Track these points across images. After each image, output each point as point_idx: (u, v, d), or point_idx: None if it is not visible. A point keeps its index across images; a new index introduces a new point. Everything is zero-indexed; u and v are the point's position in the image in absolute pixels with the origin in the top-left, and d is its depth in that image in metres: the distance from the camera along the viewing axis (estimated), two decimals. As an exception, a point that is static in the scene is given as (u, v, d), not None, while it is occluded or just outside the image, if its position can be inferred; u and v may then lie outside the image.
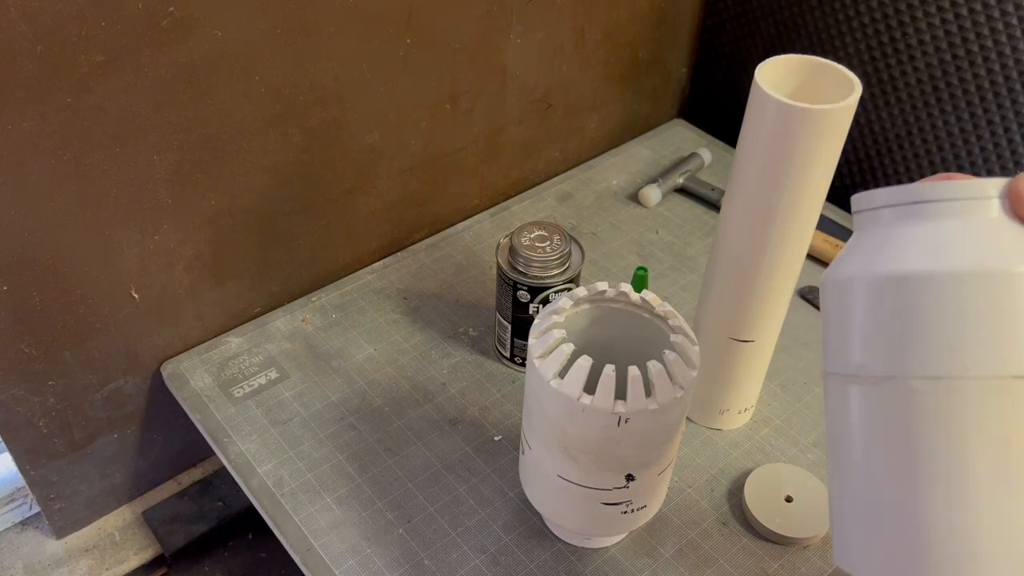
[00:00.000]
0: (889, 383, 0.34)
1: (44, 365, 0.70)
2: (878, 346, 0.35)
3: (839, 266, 0.38)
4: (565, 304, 0.58)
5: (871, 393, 0.35)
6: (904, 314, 0.34)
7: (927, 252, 0.34)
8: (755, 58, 1.02)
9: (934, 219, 0.35)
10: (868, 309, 0.35)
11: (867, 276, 0.36)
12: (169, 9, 0.61)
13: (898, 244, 0.35)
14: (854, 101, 0.54)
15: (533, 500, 0.62)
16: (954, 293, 0.33)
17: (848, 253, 0.38)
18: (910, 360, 0.34)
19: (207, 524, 0.84)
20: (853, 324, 0.36)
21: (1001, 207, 0.34)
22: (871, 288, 0.35)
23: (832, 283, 0.38)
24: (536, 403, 0.56)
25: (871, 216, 0.37)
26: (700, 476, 0.70)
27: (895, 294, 0.34)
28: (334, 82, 0.74)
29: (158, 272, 0.72)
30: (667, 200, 0.97)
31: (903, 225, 0.36)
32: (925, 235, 0.35)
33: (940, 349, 0.33)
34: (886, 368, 0.34)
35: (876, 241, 0.36)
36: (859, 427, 0.36)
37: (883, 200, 0.37)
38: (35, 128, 0.59)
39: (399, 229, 0.89)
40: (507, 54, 0.86)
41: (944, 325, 0.33)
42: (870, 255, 0.36)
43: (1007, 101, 0.82)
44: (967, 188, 0.35)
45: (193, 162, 0.69)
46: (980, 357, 0.32)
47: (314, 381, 0.76)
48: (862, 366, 0.35)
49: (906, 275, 0.34)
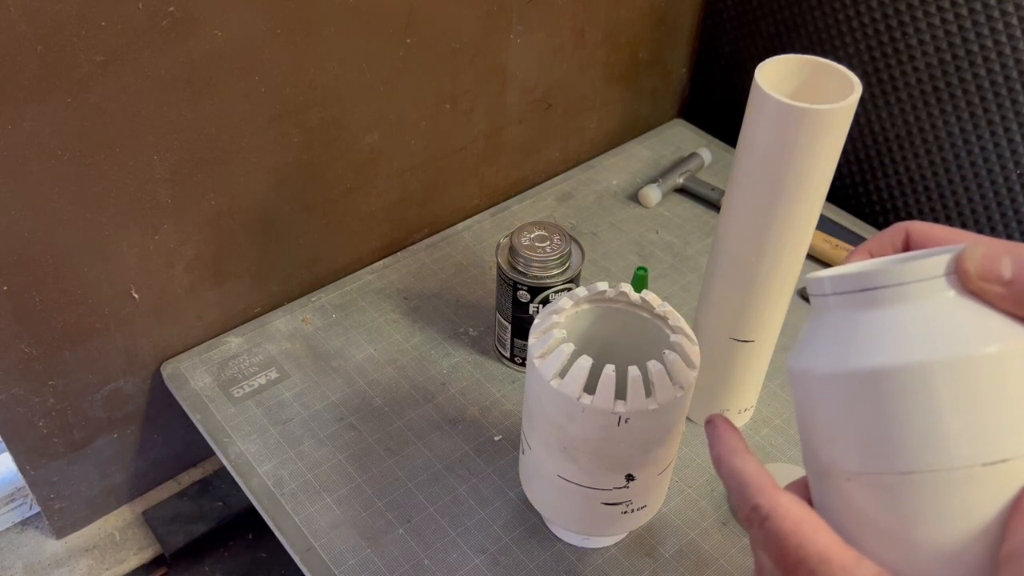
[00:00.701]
0: (860, 479, 0.33)
1: (44, 365, 0.70)
2: (842, 443, 0.34)
3: (796, 354, 0.36)
4: (565, 304, 0.58)
5: (844, 487, 0.34)
6: (863, 410, 0.32)
7: (877, 345, 0.32)
8: (755, 58, 1.02)
9: (882, 307, 0.33)
10: (826, 405, 0.34)
11: (820, 371, 0.34)
12: (169, 9, 0.61)
13: (848, 336, 0.33)
14: (854, 101, 0.54)
15: (533, 500, 0.62)
16: (909, 386, 0.31)
17: (803, 340, 0.36)
18: (877, 457, 0.32)
19: (207, 524, 0.84)
20: (816, 419, 0.35)
21: (949, 284, 0.32)
22: (825, 384, 0.34)
23: (791, 373, 0.36)
24: (536, 403, 0.56)
25: (821, 302, 0.35)
26: (700, 476, 0.70)
27: (851, 390, 0.33)
28: (334, 82, 0.74)
29: (158, 272, 0.72)
30: (667, 200, 0.97)
31: (852, 314, 0.34)
32: (875, 326, 0.33)
33: (905, 445, 0.32)
34: (854, 465, 0.33)
35: (827, 332, 0.35)
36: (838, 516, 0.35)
37: (829, 288, 0.35)
38: (35, 128, 0.59)
39: (399, 229, 0.89)
40: (507, 54, 0.86)
41: (905, 419, 0.31)
42: (821, 347, 0.34)
43: (1007, 101, 0.82)
44: (912, 270, 0.32)
45: (193, 162, 0.69)
46: (946, 449, 0.31)
47: (314, 381, 0.76)
48: (831, 461, 0.34)
49: (858, 372, 0.32)
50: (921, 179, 0.92)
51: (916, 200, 0.93)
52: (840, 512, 0.35)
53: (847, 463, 0.34)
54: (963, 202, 0.89)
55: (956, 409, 0.31)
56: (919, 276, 0.32)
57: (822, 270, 0.36)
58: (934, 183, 0.91)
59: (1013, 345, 0.31)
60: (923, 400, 0.31)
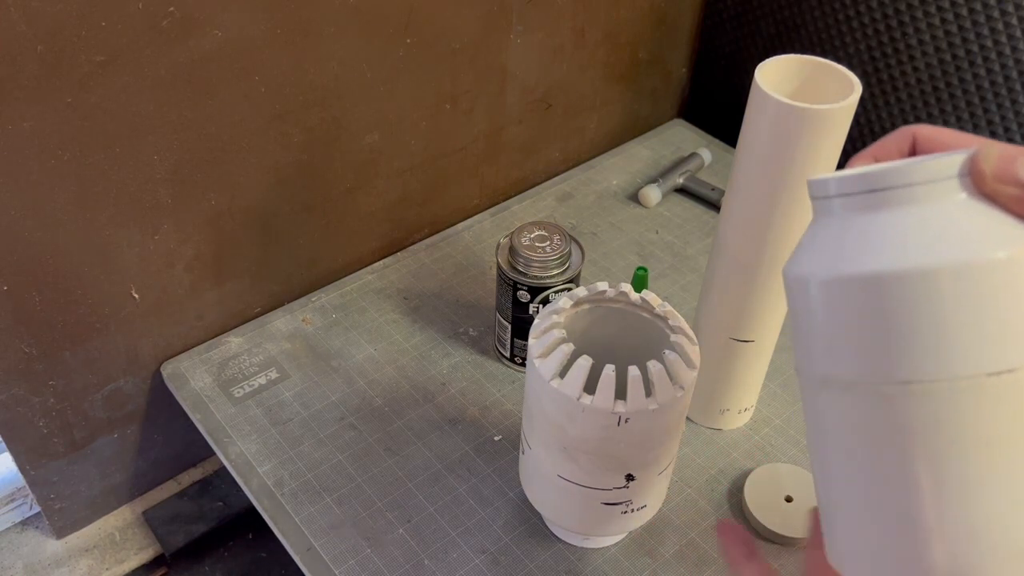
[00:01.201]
0: (858, 388, 0.32)
1: (44, 365, 0.70)
2: (842, 351, 0.32)
3: (795, 260, 0.34)
4: (565, 304, 0.58)
5: (841, 399, 0.32)
6: (865, 317, 0.31)
7: (883, 249, 0.31)
8: (755, 58, 1.02)
9: (890, 209, 0.31)
10: (827, 311, 0.32)
11: (821, 276, 0.32)
12: (169, 9, 0.61)
13: (852, 240, 0.32)
14: (854, 101, 0.54)
15: (533, 500, 0.62)
16: (916, 293, 0.30)
17: (803, 245, 0.35)
18: (877, 365, 0.31)
19: (207, 524, 0.84)
20: (814, 326, 0.33)
21: (962, 186, 0.30)
22: (827, 289, 0.32)
23: (790, 280, 0.34)
24: (536, 403, 0.56)
25: (824, 205, 0.34)
26: (700, 476, 0.70)
27: (853, 296, 0.31)
28: (334, 82, 0.74)
29: (158, 272, 0.72)
30: (667, 200, 0.97)
31: (857, 217, 0.32)
32: (881, 229, 0.31)
33: (907, 352, 0.30)
34: (853, 374, 0.32)
35: (830, 235, 0.33)
36: (833, 432, 0.33)
37: (834, 189, 0.33)
38: (35, 128, 0.59)
39: (399, 229, 0.89)
40: (507, 54, 0.86)
41: (909, 327, 0.30)
42: (823, 252, 0.33)
43: (1007, 101, 0.82)
44: (923, 170, 0.30)
45: (193, 162, 0.69)
46: (950, 358, 0.30)
47: (314, 381, 0.76)
48: (829, 370, 0.33)
49: (862, 276, 0.31)
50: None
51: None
52: (834, 429, 0.33)
53: (845, 372, 0.32)
54: (963, 202, 0.89)
55: (962, 317, 0.29)
56: (930, 177, 0.31)
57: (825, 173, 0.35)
58: (934, 183, 0.91)
59: (1017, 251, 0.30)
60: (927, 307, 0.30)
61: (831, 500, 0.35)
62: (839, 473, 0.34)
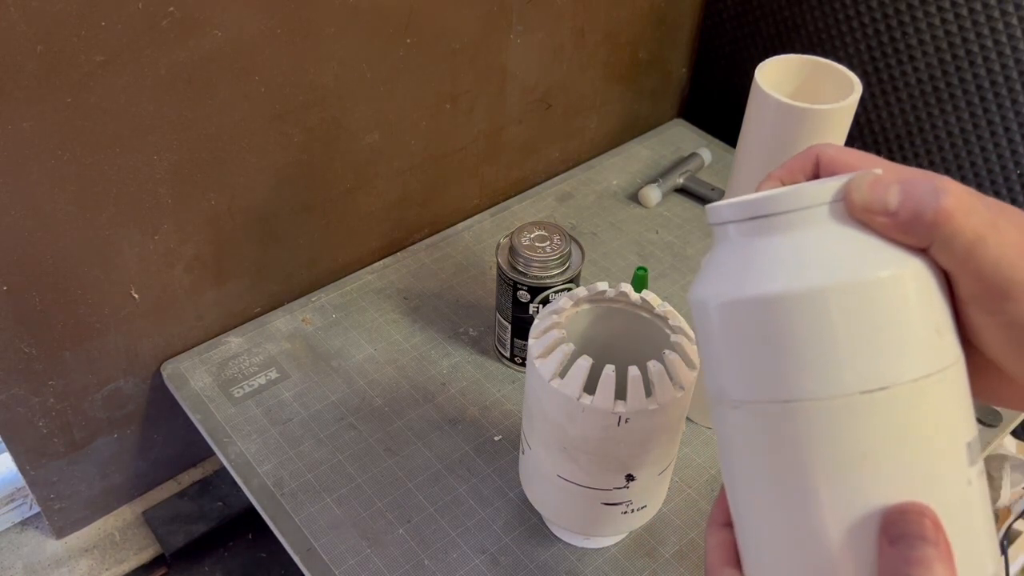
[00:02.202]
0: (746, 406, 0.33)
1: (44, 365, 0.70)
2: (730, 371, 0.34)
3: (696, 283, 0.36)
4: (565, 304, 0.58)
5: (733, 415, 0.34)
6: (748, 339, 0.32)
7: (760, 274, 0.32)
8: (755, 58, 1.02)
9: (771, 235, 0.33)
10: (719, 333, 0.34)
11: (713, 300, 0.34)
12: (169, 9, 0.61)
13: (740, 265, 0.33)
14: (854, 101, 0.54)
15: (533, 500, 0.62)
16: (789, 315, 0.31)
17: (703, 269, 0.36)
18: (760, 385, 0.32)
19: (207, 524, 0.84)
20: (710, 347, 0.35)
21: (835, 212, 0.32)
22: (718, 313, 0.34)
23: (691, 302, 0.36)
24: (536, 403, 0.56)
25: (721, 231, 0.35)
26: (700, 476, 0.70)
27: (737, 319, 0.33)
28: (334, 82, 0.74)
29: (158, 272, 0.72)
30: (667, 200, 0.97)
31: (746, 242, 0.33)
32: (762, 254, 0.33)
33: (785, 373, 0.32)
34: (741, 392, 0.33)
35: (724, 260, 0.34)
36: (729, 446, 0.35)
37: (726, 216, 0.34)
38: (35, 128, 0.59)
39: (399, 229, 0.89)
40: (507, 54, 0.86)
41: (785, 348, 0.31)
42: (717, 276, 0.34)
43: (1007, 101, 0.82)
44: (798, 198, 0.32)
45: (193, 162, 0.69)
46: (825, 377, 0.31)
47: (314, 381, 0.76)
48: (722, 388, 0.34)
49: (743, 300, 0.32)
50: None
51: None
52: (729, 444, 0.35)
53: (734, 391, 0.33)
54: (963, 202, 0.89)
55: (833, 337, 0.31)
56: (805, 203, 0.32)
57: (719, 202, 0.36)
58: (934, 183, 0.91)
59: (889, 272, 0.31)
60: (800, 328, 0.31)
61: (736, 513, 0.36)
62: (738, 485, 0.35)
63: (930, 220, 0.30)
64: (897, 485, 0.31)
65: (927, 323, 0.31)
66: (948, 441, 0.31)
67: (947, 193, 0.30)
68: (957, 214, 0.30)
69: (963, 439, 0.32)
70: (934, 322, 0.31)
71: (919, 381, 0.31)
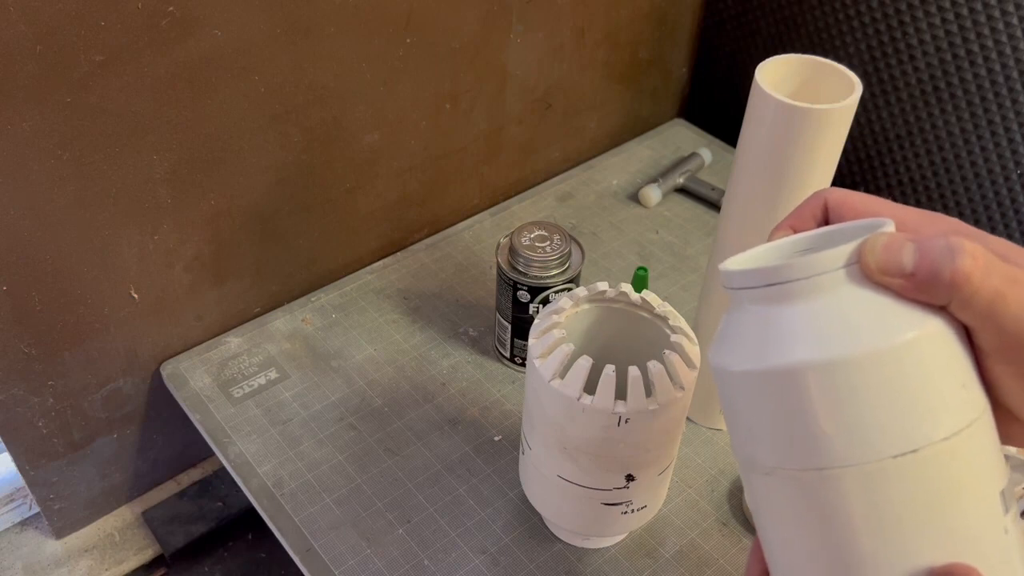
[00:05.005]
0: (778, 473, 0.33)
1: (44, 365, 0.70)
2: (760, 439, 0.33)
3: (715, 349, 0.36)
4: (565, 304, 0.58)
5: (766, 480, 0.34)
6: (776, 409, 0.32)
7: (781, 344, 0.32)
8: (755, 58, 1.02)
9: (785, 303, 0.32)
10: (743, 401, 0.34)
11: (734, 369, 0.34)
12: (169, 9, 0.61)
13: (757, 333, 0.33)
14: (854, 101, 0.54)
15: (533, 500, 0.62)
16: (815, 384, 0.31)
17: (721, 333, 0.36)
18: (791, 454, 0.32)
19: (207, 524, 0.84)
20: (736, 414, 0.35)
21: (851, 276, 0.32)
22: (740, 381, 0.34)
23: (712, 366, 0.36)
24: (536, 403, 0.56)
25: (735, 295, 0.35)
26: (700, 476, 0.70)
27: (762, 389, 0.33)
28: (334, 82, 0.74)
29: (158, 272, 0.72)
30: (667, 200, 0.97)
31: (761, 309, 0.33)
32: (779, 323, 0.32)
33: (816, 442, 0.31)
34: (772, 461, 0.33)
35: (741, 326, 0.34)
36: (764, 506, 0.35)
37: (737, 283, 0.34)
38: (35, 128, 0.59)
39: (399, 229, 0.89)
40: (507, 54, 0.86)
41: (814, 418, 0.31)
42: (736, 343, 0.34)
43: (1007, 101, 0.82)
44: (813, 265, 0.31)
45: (193, 162, 0.69)
46: (855, 445, 0.31)
47: (314, 381, 0.76)
48: (752, 454, 0.34)
49: (766, 371, 0.32)
50: (921, 179, 0.92)
51: (916, 200, 0.93)
52: (763, 506, 0.35)
53: (765, 458, 0.33)
54: (963, 202, 0.89)
55: (861, 404, 0.31)
56: (820, 270, 0.32)
57: (733, 258, 0.36)
58: (934, 183, 0.91)
59: (912, 335, 0.31)
60: (828, 397, 0.31)
61: (774, 571, 0.36)
62: (774, 546, 0.35)
63: (948, 281, 0.30)
64: (936, 545, 0.31)
65: (953, 380, 0.31)
66: (982, 494, 0.32)
67: (962, 253, 0.30)
68: (975, 274, 0.30)
69: (996, 488, 0.32)
70: (959, 378, 0.31)
71: (950, 439, 0.31)
